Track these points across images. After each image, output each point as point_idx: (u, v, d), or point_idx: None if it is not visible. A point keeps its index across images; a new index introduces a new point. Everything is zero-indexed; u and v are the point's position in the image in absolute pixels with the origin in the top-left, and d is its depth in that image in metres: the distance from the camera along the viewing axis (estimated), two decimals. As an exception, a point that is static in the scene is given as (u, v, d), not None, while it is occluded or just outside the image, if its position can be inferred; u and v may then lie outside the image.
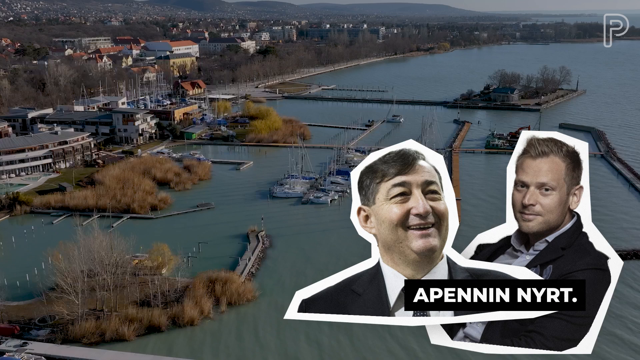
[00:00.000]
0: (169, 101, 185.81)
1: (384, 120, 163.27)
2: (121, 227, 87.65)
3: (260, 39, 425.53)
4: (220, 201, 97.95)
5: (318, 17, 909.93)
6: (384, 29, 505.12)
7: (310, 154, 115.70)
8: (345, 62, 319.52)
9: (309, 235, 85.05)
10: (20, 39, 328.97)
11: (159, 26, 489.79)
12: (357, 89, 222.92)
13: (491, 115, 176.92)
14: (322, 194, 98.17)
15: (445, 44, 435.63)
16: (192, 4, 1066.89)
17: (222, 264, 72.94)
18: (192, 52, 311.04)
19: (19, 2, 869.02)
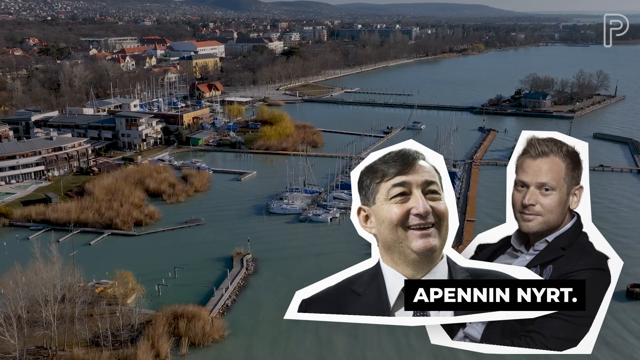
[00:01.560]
0: (183, 104, 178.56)
1: (403, 127, 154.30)
2: (100, 244, 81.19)
3: (289, 39, 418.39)
4: (212, 216, 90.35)
5: (353, 17, 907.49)
6: (417, 29, 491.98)
7: (319, 163, 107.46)
8: (373, 63, 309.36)
9: (300, 260, 76.50)
10: (49, 39, 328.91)
11: (190, 26, 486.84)
12: (380, 92, 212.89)
13: (520, 122, 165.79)
14: (322, 211, 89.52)
15: (479, 45, 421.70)
16: (229, 4, 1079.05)
17: (195, 294, 65.22)
18: (217, 52, 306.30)
19: (59, 2, 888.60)
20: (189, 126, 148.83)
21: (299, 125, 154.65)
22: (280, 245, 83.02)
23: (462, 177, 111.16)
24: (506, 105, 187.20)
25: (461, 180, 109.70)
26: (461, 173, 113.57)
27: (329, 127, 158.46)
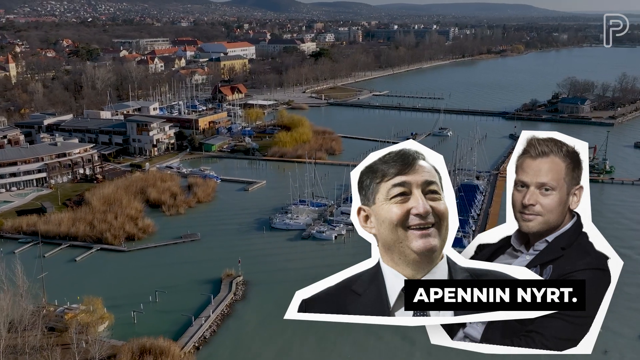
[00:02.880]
0: (204, 107, 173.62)
1: (429, 133, 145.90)
2: (86, 260, 76.79)
3: (324, 40, 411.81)
4: (210, 231, 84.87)
5: (393, 17, 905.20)
6: (456, 29, 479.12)
7: (333, 172, 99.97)
8: (406, 65, 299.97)
9: (295, 285, 67.37)
10: (82, 40, 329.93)
11: (225, 27, 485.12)
12: (409, 95, 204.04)
13: (556, 129, 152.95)
14: (327, 228, 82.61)
15: (518, 46, 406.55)
16: (269, 5, 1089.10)
17: (172, 323, 59.42)
18: (248, 53, 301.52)
19: (103, 4, 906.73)
20: (204, 131, 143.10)
21: (318, 131, 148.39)
22: (276, 267, 76.71)
23: (485, 191, 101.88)
24: (542, 111, 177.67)
25: (484, 194, 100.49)
26: (485, 186, 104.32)
27: (351, 132, 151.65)
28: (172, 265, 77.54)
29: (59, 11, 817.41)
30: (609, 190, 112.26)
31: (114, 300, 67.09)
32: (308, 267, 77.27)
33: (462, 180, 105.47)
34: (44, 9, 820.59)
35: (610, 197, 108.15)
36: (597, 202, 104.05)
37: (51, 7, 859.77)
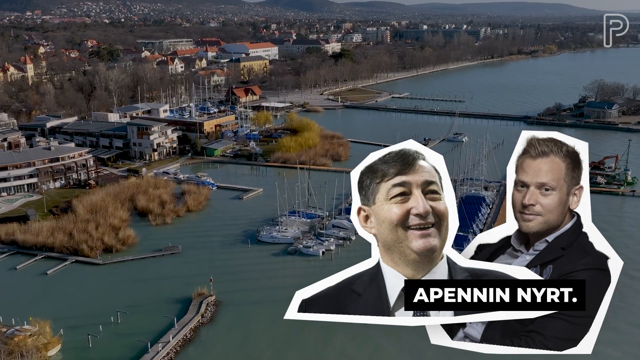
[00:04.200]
0: (216, 109, 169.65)
1: (443, 139, 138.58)
2: (57, 274, 73.79)
3: (350, 41, 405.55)
4: (193, 244, 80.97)
5: (426, 17, 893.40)
6: (488, 29, 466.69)
7: (333, 180, 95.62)
8: (432, 66, 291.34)
9: (270, 307, 64.13)
10: (107, 41, 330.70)
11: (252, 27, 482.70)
12: (429, 97, 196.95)
13: (580, 135, 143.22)
14: (315, 243, 76.92)
15: (551, 47, 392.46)
16: (302, 5, 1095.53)
17: (130, 348, 54.47)
18: (270, 54, 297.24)
19: (138, 4, 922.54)
20: (208, 135, 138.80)
21: (327, 135, 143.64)
22: (254, 285, 72.17)
23: (492, 203, 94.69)
24: (566, 115, 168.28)
25: (490, 206, 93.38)
26: (492, 197, 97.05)
27: (364, 136, 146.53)
28: (144, 282, 73.71)
29: (94, 12, 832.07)
30: (630, 204, 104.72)
31: (75, 320, 63.74)
32: (289, 286, 71.46)
33: (467, 191, 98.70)
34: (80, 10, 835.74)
35: (631, 211, 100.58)
36: (616, 216, 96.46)
37: (87, 8, 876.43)
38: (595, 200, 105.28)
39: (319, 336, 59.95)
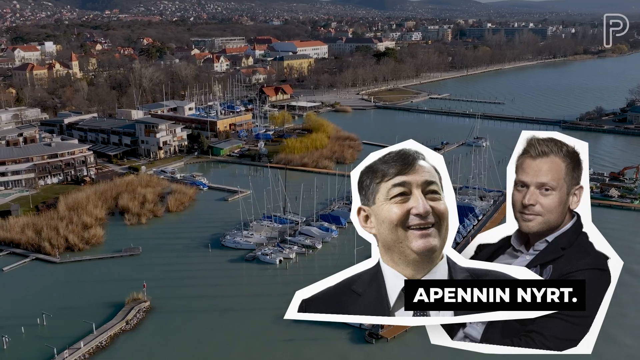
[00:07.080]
0: (243, 107, 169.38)
1: (462, 143, 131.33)
2: (13, 271, 73.65)
3: (409, 39, 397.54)
4: (155, 246, 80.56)
5: (501, 15, 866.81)
6: (560, 27, 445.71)
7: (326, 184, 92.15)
8: (485, 65, 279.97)
9: (200, 317, 62.50)
10: (163, 39, 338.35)
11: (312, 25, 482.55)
12: (469, 99, 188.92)
13: (619, 142, 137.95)
14: (274, 250, 73.46)
15: (621, 46, 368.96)
16: (374, 3, 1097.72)
17: (38, 353, 52.95)
18: (320, 52, 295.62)
19: (212, 3, 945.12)
20: (218, 134, 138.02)
21: (342, 137, 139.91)
22: (194, 292, 70.26)
23: (482, 214, 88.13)
24: (607, 120, 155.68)
25: (479, 218, 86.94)
26: (485, 208, 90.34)
27: (380, 138, 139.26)
28: (85, 283, 73.24)
29: (169, 10, 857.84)
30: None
31: (3, 320, 62.68)
32: (230, 295, 70.32)
33: (459, 200, 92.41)
34: (157, 9, 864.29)
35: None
36: (630, 232, 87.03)
37: (164, 6, 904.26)
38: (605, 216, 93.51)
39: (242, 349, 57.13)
